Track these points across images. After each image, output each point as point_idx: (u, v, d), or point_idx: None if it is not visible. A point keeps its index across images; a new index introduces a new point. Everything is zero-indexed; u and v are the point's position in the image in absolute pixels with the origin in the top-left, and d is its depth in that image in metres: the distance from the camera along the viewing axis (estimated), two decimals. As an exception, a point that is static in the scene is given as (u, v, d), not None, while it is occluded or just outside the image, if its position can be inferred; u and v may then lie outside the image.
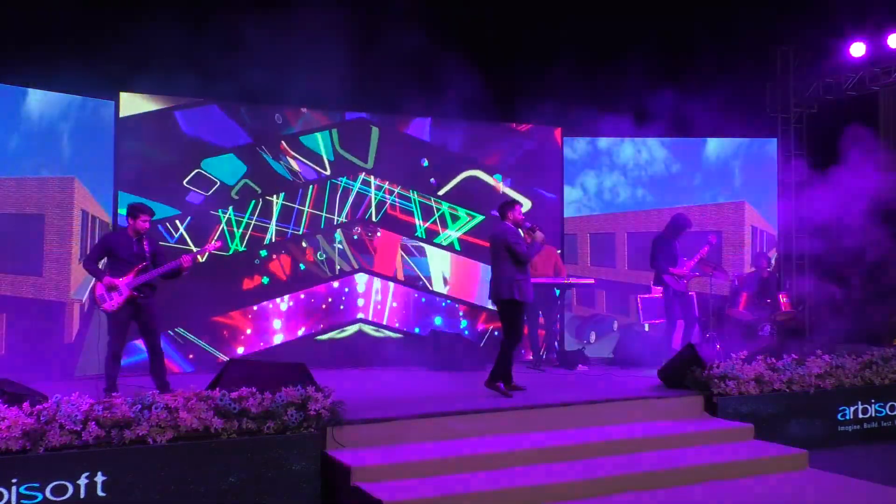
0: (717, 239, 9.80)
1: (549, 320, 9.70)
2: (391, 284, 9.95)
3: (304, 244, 9.53)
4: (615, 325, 10.95)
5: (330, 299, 9.67)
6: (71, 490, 4.92)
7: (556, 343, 9.70)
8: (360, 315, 9.80)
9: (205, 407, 5.36)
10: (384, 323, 9.91)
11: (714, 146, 11.31)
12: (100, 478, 4.98)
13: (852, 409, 7.63)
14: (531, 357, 9.50)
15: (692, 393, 7.26)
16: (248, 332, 9.27)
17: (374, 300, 9.88)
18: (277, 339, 9.38)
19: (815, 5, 9.98)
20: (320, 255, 9.61)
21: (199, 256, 7.92)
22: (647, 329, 10.27)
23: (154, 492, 5.11)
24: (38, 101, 8.36)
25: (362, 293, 9.81)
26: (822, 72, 11.03)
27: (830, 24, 10.23)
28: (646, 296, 10.05)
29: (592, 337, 10.86)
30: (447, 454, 5.84)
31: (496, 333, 9.97)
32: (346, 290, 9.73)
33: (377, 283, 9.88)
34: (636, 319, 10.51)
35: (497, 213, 7.62)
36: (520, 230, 7.40)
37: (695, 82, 9.74)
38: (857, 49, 10.55)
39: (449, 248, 10.19)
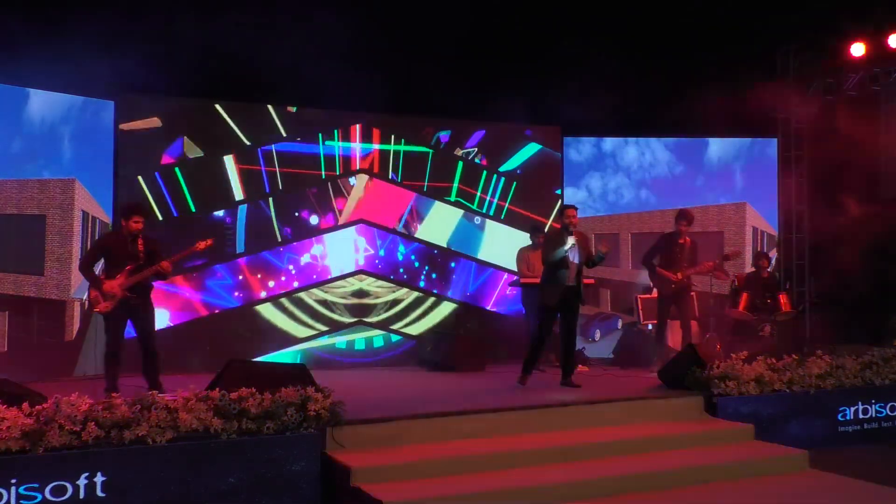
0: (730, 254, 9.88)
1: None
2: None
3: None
4: (619, 324, 10.99)
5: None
6: (70, 490, 4.91)
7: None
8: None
9: (204, 407, 5.36)
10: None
11: (716, 147, 11.32)
12: (99, 478, 4.98)
13: (853, 409, 7.61)
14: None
15: (692, 393, 7.25)
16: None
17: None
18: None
19: (815, 5, 9.95)
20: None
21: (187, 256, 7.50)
22: (648, 329, 10.26)
23: (154, 492, 5.11)
24: (39, 104, 8.39)
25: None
26: (822, 72, 11.00)
27: (830, 24, 10.20)
28: (646, 296, 10.05)
29: (597, 335, 10.90)
30: (447, 454, 5.84)
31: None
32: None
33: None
34: (637, 319, 10.50)
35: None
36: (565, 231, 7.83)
37: (695, 83, 9.72)
38: (858, 49, 10.52)
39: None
